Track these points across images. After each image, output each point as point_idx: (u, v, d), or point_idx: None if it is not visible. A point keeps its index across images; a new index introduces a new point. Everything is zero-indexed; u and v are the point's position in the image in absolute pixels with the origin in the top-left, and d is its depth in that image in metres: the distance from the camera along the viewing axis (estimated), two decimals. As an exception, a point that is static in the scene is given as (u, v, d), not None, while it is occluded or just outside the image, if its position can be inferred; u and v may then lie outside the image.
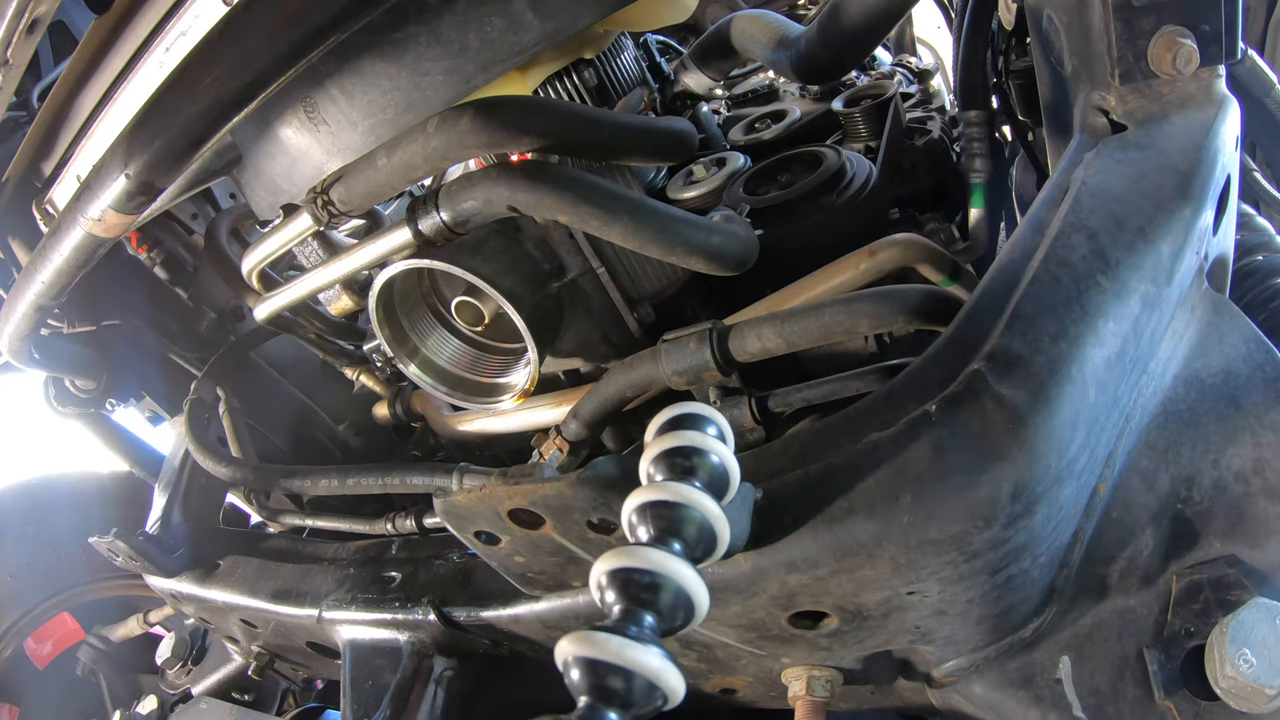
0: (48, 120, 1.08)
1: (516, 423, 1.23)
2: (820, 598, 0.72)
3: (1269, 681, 0.66)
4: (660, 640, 0.47)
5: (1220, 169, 0.78)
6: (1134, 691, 0.73)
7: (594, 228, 0.93)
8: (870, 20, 1.09)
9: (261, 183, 1.10)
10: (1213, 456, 0.78)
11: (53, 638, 2.34)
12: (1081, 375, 0.65)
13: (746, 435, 0.92)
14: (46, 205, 1.15)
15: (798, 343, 0.88)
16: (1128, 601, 0.76)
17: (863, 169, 1.20)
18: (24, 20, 0.81)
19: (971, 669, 0.81)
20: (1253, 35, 2.14)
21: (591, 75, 1.12)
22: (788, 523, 0.68)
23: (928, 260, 1.05)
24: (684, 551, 0.54)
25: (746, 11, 1.36)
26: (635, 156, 1.05)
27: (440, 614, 1.05)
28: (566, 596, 0.91)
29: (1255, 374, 0.80)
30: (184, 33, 0.83)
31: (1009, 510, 0.64)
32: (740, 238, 0.98)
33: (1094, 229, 0.72)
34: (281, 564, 1.31)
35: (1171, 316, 0.77)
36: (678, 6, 1.19)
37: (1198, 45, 0.77)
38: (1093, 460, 0.72)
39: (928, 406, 0.65)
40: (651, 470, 0.61)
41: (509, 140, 0.91)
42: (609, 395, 0.99)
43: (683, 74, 1.39)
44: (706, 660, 0.91)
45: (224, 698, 1.81)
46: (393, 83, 0.89)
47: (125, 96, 0.94)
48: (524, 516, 0.78)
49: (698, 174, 1.28)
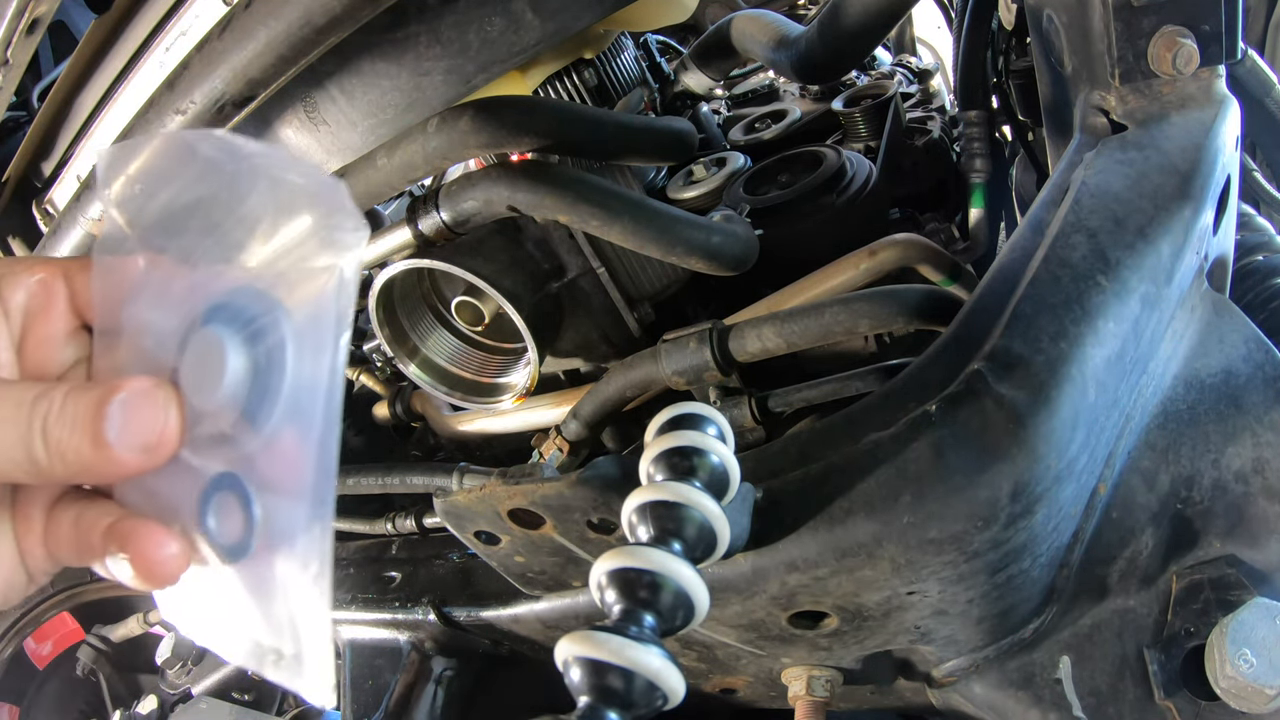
0: (48, 120, 1.08)
1: (516, 423, 1.23)
2: (820, 598, 0.72)
3: (1269, 681, 0.66)
4: (660, 640, 0.47)
5: (1220, 169, 0.78)
6: (1134, 691, 0.73)
7: (594, 228, 0.93)
8: (870, 20, 1.09)
9: (261, 183, 1.09)
10: (1213, 456, 0.78)
11: (53, 638, 2.34)
12: (1081, 375, 0.65)
13: (746, 435, 0.92)
14: (46, 205, 1.15)
15: (798, 343, 0.88)
16: (1128, 601, 0.76)
17: (863, 169, 1.20)
18: (24, 20, 0.81)
19: (971, 669, 0.81)
20: (1253, 35, 2.14)
21: (591, 75, 1.12)
22: (788, 523, 0.68)
23: (928, 260, 1.05)
24: (684, 551, 0.54)
25: (746, 11, 1.36)
26: (635, 156, 1.05)
27: (440, 614, 1.05)
28: (566, 596, 0.91)
29: (1255, 374, 0.80)
30: (184, 33, 0.83)
31: (1009, 510, 0.64)
32: (740, 238, 0.98)
33: (1094, 229, 0.72)
34: (281, 564, 1.30)
35: (1171, 316, 0.77)
36: (678, 6, 1.19)
37: (1198, 45, 0.77)
38: (1093, 460, 0.72)
39: (928, 406, 0.65)
40: (651, 470, 0.61)
41: (509, 140, 0.91)
42: (609, 395, 0.99)
43: (683, 74, 1.39)
44: (706, 660, 0.91)
45: (224, 698, 1.81)
46: (393, 83, 0.89)
47: (125, 96, 0.94)
48: (524, 516, 0.78)
49: (698, 174, 1.28)
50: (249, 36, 0.71)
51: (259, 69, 0.72)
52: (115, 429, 0.42)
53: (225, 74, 0.73)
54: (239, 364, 0.43)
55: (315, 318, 0.42)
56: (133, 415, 0.42)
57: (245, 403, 0.43)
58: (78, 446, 0.42)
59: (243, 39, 0.71)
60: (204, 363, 0.43)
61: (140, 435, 0.43)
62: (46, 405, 0.42)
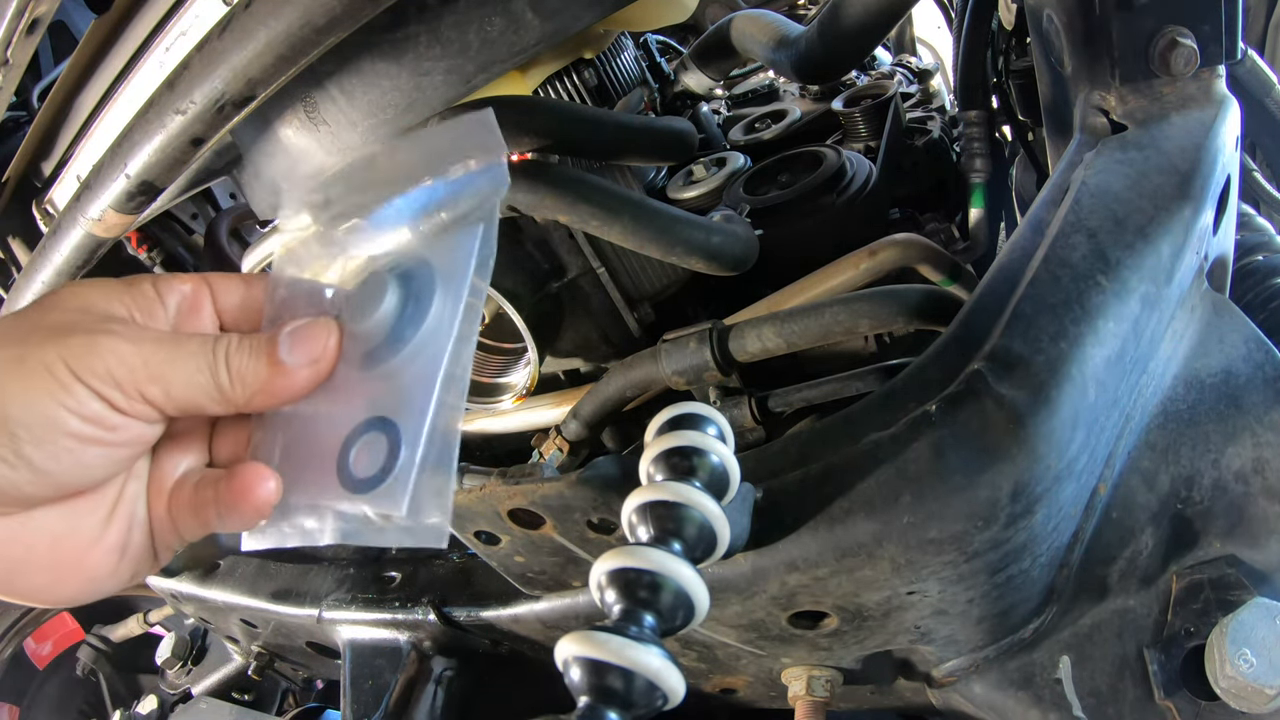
0: (48, 120, 1.08)
1: (516, 423, 1.23)
2: (820, 598, 0.72)
3: (1269, 681, 0.66)
4: (660, 640, 0.47)
5: (1220, 169, 0.78)
6: (1134, 691, 0.73)
7: (594, 228, 0.93)
8: (870, 20, 1.09)
9: (261, 183, 1.09)
10: (1213, 456, 0.78)
11: (53, 638, 2.34)
12: (1081, 375, 0.65)
13: (746, 435, 0.92)
14: (46, 205, 1.15)
15: (798, 343, 0.88)
16: (1128, 601, 0.76)
17: (863, 169, 1.20)
18: (24, 20, 0.81)
19: (971, 669, 0.81)
20: (1253, 35, 2.14)
21: (591, 75, 1.12)
22: (788, 523, 0.68)
23: (928, 260, 1.05)
24: (684, 551, 0.54)
25: (746, 11, 1.36)
26: (635, 156, 1.05)
27: (440, 614, 1.05)
28: (566, 596, 0.91)
29: (1255, 374, 0.80)
30: (184, 33, 0.83)
31: (1009, 510, 0.64)
32: (740, 238, 0.98)
33: (1094, 229, 0.72)
34: (281, 564, 1.31)
35: (1171, 316, 0.77)
36: (678, 6, 1.19)
37: (1198, 45, 0.77)
38: (1093, 460, 0.72)
39: (928, 406, 0.65)
40: (651, 470, 0.61)
41: (509, 140, 0.91)
42: (609, 395, 0.99)
43: (683, 74, 1.39)
44: (706, 660, 0.91)
45: (224, 698, 1.81)
46: (393, 83, 0.89)
47: (125, 96, 0.94)
48: (524, 516, 0.78)
49: (698, 174, 1.28)
50: (249, 36, 0.71)
51: (259, 69, 0.72)
52: (287, 350, 0.52)
53: (225, 74, 0.73)
54: (393, 298, 0.54)
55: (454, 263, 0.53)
56: (301, 337, 0.52)
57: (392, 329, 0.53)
58: (256, 369, 0.51)
59: (243, 39, 0.71)
60: (367, 296, 0.54)
61: (308, 353, 0.52)
62: (226, 342, 0.51)
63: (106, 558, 0.51)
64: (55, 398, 0.46)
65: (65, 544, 0.50)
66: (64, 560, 0.50)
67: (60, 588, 0.51)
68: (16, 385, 0.45)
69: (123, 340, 0.48)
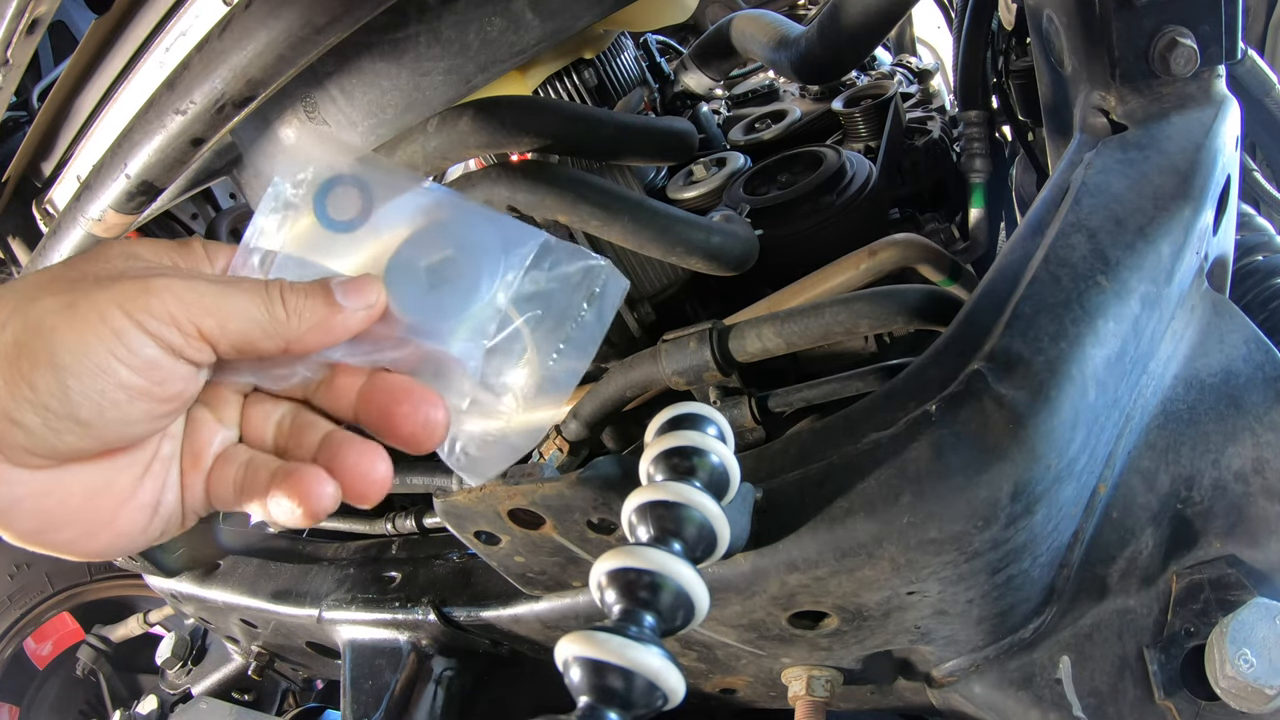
0: (48, 120, 1.08)
1: (516, 423, 1.23)
2: (820, 598, 0.72)
3: (1269, 681, 0.66)
4: (660, 640, 0.47)
5: (1220, 169, 0.78)
6: (1134, 691, 0.73)
7: (594, 228, 0.93)
8: (870, 20, 1.09)
9: (261, 183, 1.09)
10: (1213, 456, 0.78)
11: (53, 638, 2.34)
12: (1081, 375, 0.65)
13: (746, 435, 0.92)
14: (46, 205, 1.15)
15: (798, 343, 0.88)
16: (1128, 601, 0.76)
17: (863, 169, 1.20)
18: (24, 20, 0.81)
19: (971, 669, 0.81)
20: (1253, 35, 2.14)
21: (591, 75, 1.12)
22: (788, 523, 0.68)
23: (928, 260, 1.05)
24: (684, 551, 0.54)
25: (746, 11, 1.36)
26: (635, 156, 1.05)
27: (440, 614, 1.05)
28: (566, 596, 0.91)
29: (1255, 374, 0.80)
30: (184, 33, 0.83)
31: (1009, 510, 0.64)
32: (740, 238, 0.98)
33: (1094, 229, 0.72)
34: (281, 564, 1.31)
35: (1171, 316, 0.77)
36: (678, 6, 1.19)
37: (1198, 45, 0.77)
38: (1093, 460, 0.72)
39: (928, 406, 0.66)
40: (651, 470, 0.61)
41: (509, 140, 0.91)
42: (609, 395, 0.99)
43: (683, 74, 1.39)
44: (706, 660, 0.91)
45: (224, 698, 1.81)
46: (393, 83, 0.89)
47: (125, 96, 0.94)
48: (524, 516, 0.78)
49: (698, 174, 1.28)
50: (249, 36, 0.71)
51: (259, 69, 0.72)
52: (341, 294, 0.52)
53: (225, 74, 0.73)
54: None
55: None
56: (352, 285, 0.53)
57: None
58: (313, 306, 0.51)
59: (243, 39, 0.71)
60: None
61: (362, 298, 0.53)
62: (280, 283, 0.51)
63: (138, 515, 0.52)
64: (108, 345, 0.45)
65: (99, 499, 0.50)
66: (97, 515, 0.50)
67: (90, 541, 0.51)
68: (69, 333, 0.45)
69: (176, 279, 0.48)
